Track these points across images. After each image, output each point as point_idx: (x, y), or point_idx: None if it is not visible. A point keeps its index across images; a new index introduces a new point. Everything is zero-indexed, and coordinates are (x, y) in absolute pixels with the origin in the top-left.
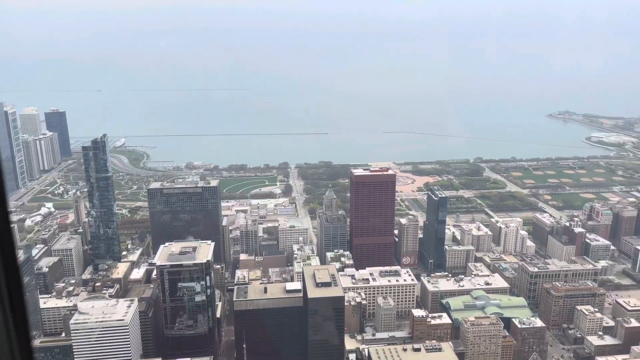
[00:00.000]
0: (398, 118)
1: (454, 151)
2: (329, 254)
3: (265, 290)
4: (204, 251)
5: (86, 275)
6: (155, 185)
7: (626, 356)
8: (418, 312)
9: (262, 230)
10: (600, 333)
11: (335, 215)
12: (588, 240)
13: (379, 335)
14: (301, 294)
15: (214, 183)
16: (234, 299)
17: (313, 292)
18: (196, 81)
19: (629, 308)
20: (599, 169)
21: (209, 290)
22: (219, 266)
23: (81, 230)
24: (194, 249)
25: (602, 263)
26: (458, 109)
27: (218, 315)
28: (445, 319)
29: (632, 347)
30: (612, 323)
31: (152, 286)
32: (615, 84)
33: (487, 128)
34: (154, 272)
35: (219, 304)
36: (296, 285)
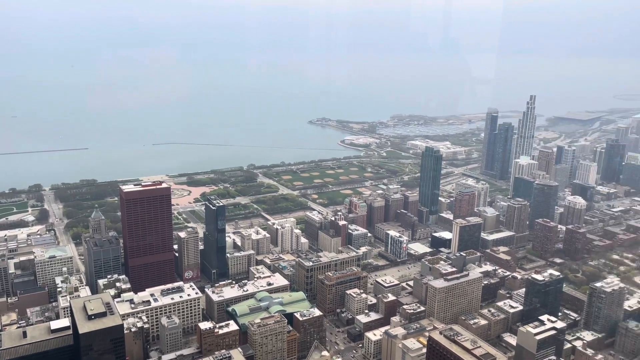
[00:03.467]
0: (166, 129)
1: (228, 159)
2: (102, 281)
3: (25, 334)
4: None
5: None
6: None
7: (387, 327)
8: (205, 325)
9: (13, 265)
10: (367, 311)
11: (106, 238)
12: (350, 231)
13: (165, 357)
14: (71, 331)
15: None
16: None
17: (85, 327)
18: None
19: (386, 285)
20: (353, 167)
21: None
22: None
23: None
24: None
25: (363, 249)
26: (228, 118)
27: None
28: (232, 326)
29: (391, 318)
30: (374, 300)
31: None
32: (360, 93)
33: (257, 136)
34: None
35: None
36: (63, 322)
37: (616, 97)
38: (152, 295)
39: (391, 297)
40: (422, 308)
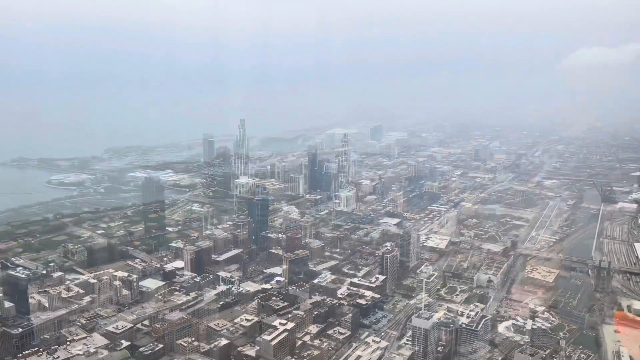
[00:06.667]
0: None
1: None
2: None
3: None
4: None
5: None
6: None
7: None
8: None
9: None
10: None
11: None
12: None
13: None
14: None
15: None
16: None
17: None
18: None
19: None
20: (66, 209)
21: None
22: None
23: None
24: None
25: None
26: None
27: None
28: None
29: None
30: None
31: None
32: (63, 127)
33: None
34: None
35: None
36: None
37: (311, 116)
38: None
39: (225, 341)
40: None
